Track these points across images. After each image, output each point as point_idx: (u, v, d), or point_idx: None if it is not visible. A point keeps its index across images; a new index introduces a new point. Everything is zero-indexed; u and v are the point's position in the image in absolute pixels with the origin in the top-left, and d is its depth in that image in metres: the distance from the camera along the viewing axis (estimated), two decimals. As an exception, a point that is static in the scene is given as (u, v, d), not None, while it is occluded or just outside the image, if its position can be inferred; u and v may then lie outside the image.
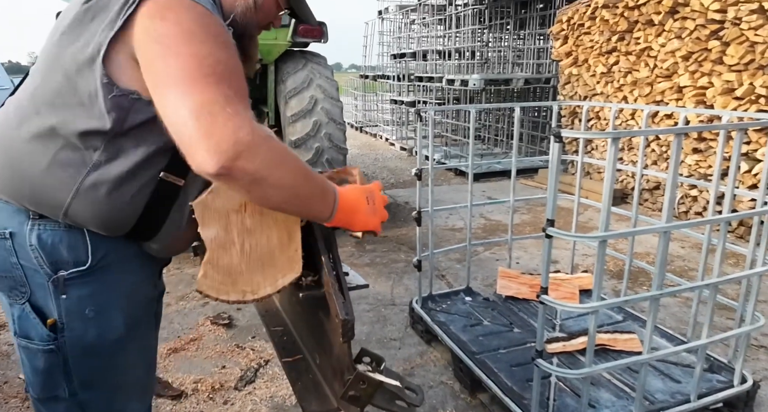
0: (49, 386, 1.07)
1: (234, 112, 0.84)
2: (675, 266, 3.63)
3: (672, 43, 4.50)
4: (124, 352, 1.10)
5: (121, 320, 1.07)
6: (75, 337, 1.03)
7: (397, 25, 11.03)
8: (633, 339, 2.32)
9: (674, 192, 1.57)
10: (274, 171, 0.88)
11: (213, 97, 0.83)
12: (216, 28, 0.92)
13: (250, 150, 0.83)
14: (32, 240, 0.98)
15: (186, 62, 0.85)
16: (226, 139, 0.81)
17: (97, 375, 1.08)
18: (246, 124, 0.84)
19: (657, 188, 5.01)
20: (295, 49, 4.16)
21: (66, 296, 1.01)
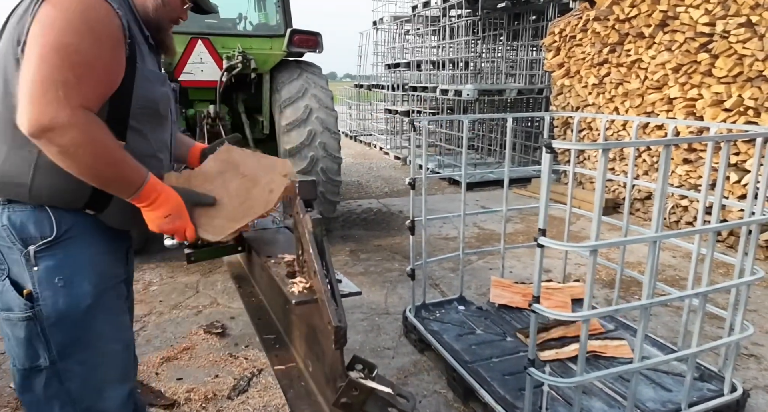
0: (30, 356, 1.20)
1: (63, 96, 1.03)
2: (666, 276, 3.66)
3: (662, 55, 4.57)
4: (95, 321, 1.23)
5: (88, 289, 1.21)
6: (48, 305, 1.18)
7: (392, 35, 11.13)
8: (623, 346, 2.33)
9: (663, 202, 1.60)
10: (78, 151, 1.07)
11: (54, 77, 1.03)
12: (98, 20, 1.09)
13: (61, 129, 1.03)
14: (3, 221, 1.16)
15: (50, 45, 1.04)
16: (45, 114, 1.02)
17: (73, 344, 1.21)
18: (66, 109, 1.03)
19: (648, 198, 5.05)
20: (290, 59, 4.19)
21: (37, 268, 1.17)
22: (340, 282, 1.32)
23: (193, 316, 3.03)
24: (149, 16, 1.29)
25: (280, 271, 1.41)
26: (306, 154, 3.79)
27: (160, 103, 1.29)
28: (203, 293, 3.35)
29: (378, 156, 9.64)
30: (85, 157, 1.08)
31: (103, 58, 1.11)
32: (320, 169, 3.83)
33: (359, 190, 6.64)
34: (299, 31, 4.02)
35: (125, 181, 1.17)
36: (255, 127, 4.32)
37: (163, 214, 1.23)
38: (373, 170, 8.11)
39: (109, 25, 1.12)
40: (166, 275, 3.60)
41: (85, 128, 1.06)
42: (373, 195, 6.33)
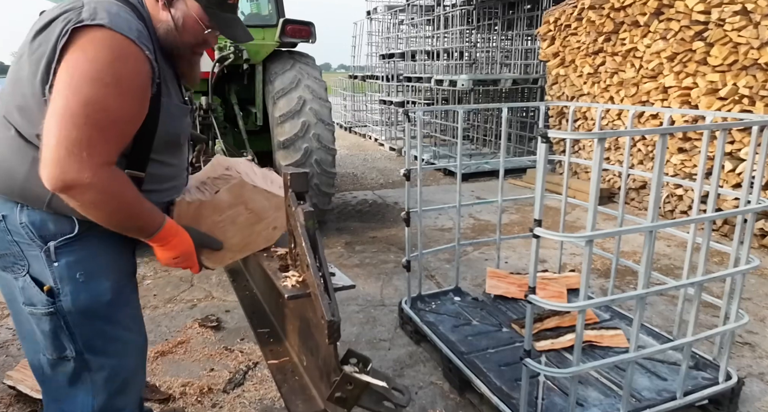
0: (57, 347, 1.24)
1: (87, 156, 1.05)
2: (661, 265, 3.67)
3: (657, 44, 4.55)
4: (117, 315, 1.28)
5: (108, 284, 1.25)
6: (70, 300, 1.20)
7: (386, 25, 11.03)
8: (619, 335, 2.34)
9: (659, 191, 1.59)
10: (97, 207, 1.12)
11: (78, 136, 1.04)
12: (127, 73, 1.09)
13: (82, 188, 1.07)
14: (23, 219, 1.18)
15: (76, 100, 1.05)
16: (67, 173, 1.04)
17: (98, 338, 1.25)
18: (88, 170, 1.05)
19: (644, 187, 5.06)
20: (283, 50, 4.14)
21: (57, 264, 1.19)
22: (334, 275, 1.30)
23: (187, 309, 3.02)
24: (161, 42, 1.25)
25: (273, 264, 1.40)
26: (300, 145, 3.75)
27: (182, 135, 1.34)
28: (198, 287, 3.33)
29: (373, 147, 9.60)
30: (104, 213, 1.14)
31: (130, 112, 1.12)
32: (314, 160, 3.80)
33: (354, 181, 6.62)
34: (292, 21, 3.97)
35: (142, 229, 1.22)
36: (248, 119, 4.28)
37: (173, 255, 1.28)
38: (368, 162, 8.08)
39: (138, 76, 1.12)
40: (160, 268, 3.58)
41: (105, 188, 1.10)
42: (369, 187, 6.31)
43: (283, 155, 3.76)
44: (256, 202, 1.39)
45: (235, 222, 1.38)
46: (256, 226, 1.41)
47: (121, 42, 1.08)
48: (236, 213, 1.37)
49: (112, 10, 1.11)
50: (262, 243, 1.44)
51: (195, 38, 1.28)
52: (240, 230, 1.39)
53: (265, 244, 1.44)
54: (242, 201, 1.37)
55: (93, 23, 1.06)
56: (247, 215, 1.39)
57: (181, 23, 1.24)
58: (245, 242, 1.41)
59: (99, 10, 1.09)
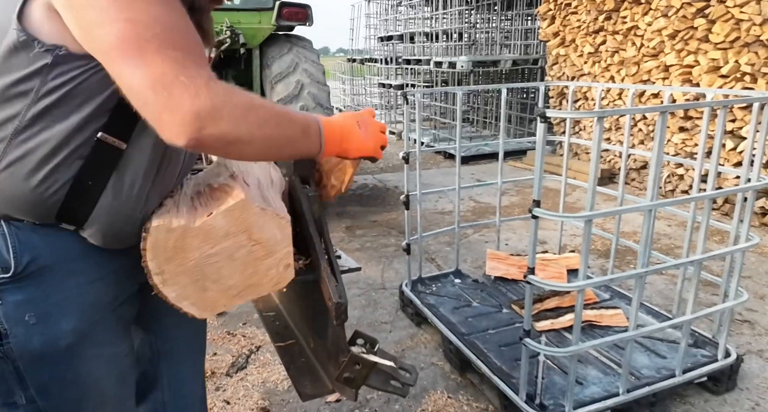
0: (4, 392, 0.99)
1: (187, 80, 0.79)
2: (661, 245, 3.68)
3: (658, 21, 4.49)
4: (80, 360, 1.00)
5: (69, 326, 0.96)
6: (19, 343, 0.94)
7: (384, 7, 10.89)
8: (618, 314, 2.36)
9: (659, 170, 1.58)
10: (243, 128, 0.84)
11: (162, 68, 0.78)
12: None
13: (212, 115, 0.80)
14: None
15: (125, 31, 0.78)
16: (187, 112, 0.78)
17: (54, 383, 0.99)
18: (202, 89, 0.79)
19: (644, 168, 5.04)
20: (280, 33, 4.09)
21: (2, 303, 0.91)
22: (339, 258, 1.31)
23: (190, 295, 3.04)
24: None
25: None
26: (299, 130, 3.74)
27: None
28: (200, 272, 3.35)
29: (372, 131, 9.55)
30: (254, 131, 0.85)
31: (178, 12, 0.86)
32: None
33: (354, 166, 6.60)
34: (288, 3, 3.92)
35: (304, 130, 0.95)
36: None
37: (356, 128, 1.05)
38: (368, 146, 8.04)
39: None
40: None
41: (230, 98, 0.83)
42: (368, 171, 6.30)
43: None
44: (265, 232, 0.99)
45: (234, 257, 0.99)
46: (262, 262, 1.01)
47: None
48: (236, 244, 0.98)
49: None
50: (268, 286, 1.05)
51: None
52: (240, 267, 1.00)
53: (271, 288, 1.06)
54: (245, 228, 0.98)
55: None
56: (251, 247, 1.00)
57: None
58: (246, 283, 1.02)
59: None
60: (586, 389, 1.90)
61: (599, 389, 1.89)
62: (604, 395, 1.84)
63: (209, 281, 0.99)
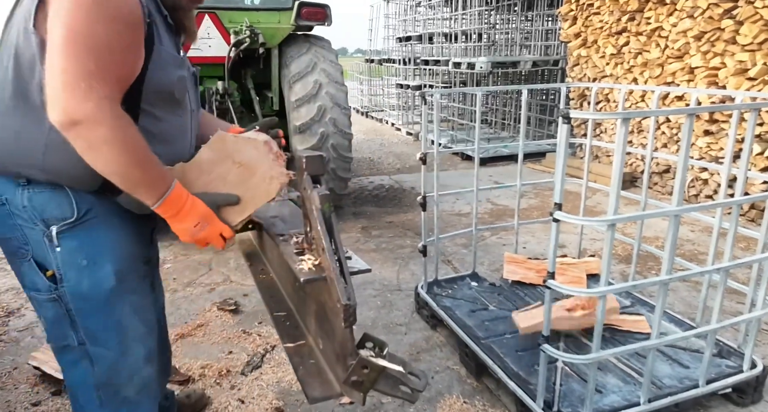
0: (59, 336, 1.23)
1: (87, 87, 0.99)
2: (684, 250, 3.59)
3: (684, 22, 4.39)
4: (119, 303, 1.23)
5: (111, 270, 1.21)
6: (72, 286, 1.18)
7: (403, 7, 10.87)
8: (641, 321, 2.30)
9: (685, 174, 1.53)
10: (103, 148, 1.03)
11: (75, 69, 0.99)
12: (112, 4, 1.04)
13: (90, 121, 1.00)
14: (24, 202, 1.15)
15: (68, 34, 1.00)
16: (71, 107, 0.99)
17: (99, 327, 1.22)
18: (90, 101, 1.00)
19: (667, 171, 4.94)
20: (298, 33, 4.10)
21: (60, 248, 1.16)
22: (350, 259, 1.29)
23: (206, 293, 3.05)
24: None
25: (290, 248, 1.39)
26: (316, 130, 3.74)
27: (176, 87, 1.23)
28: (216, 271, 3.37)
29: (390, 132, 9.54)
30: (111, 155, 1.04)
31: (123, 42, 1.06)
32: (330, 145, 3.78)
33: (371, 166, 6.59)
34: (307, 3, 3.92)
35: (151, 185, 1.12)
36: (264, 104, 4.27)
37: (192, 223, 1.18)
38: (385, 146, 8.03)
39: (128, 7, 1.06)
40: (179, 252, 3.62)
41: (111, 123, 1.02)
42: (385, 171, 6.28)
43: (299, 140, 3.75)
44: (244, 154, 1.26)
45: (226, 180, 1.26)
46: (249, 180, 1.28)
47: None
48: (225, 170, 1.26)
49: None
50: (262, 198, 1.30)
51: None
52: (234, 187, 1.26)
53: (265, 198, 1.30)
54: (227, 155, 1.25)
55: None
56: (238, 170, 1.26)
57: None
58: (244, 198, 1.28)
59: None
60: (606, 397, 1.85)
61: (619, 398, 1.84)
62: (625, 405, 1.79)
63: None
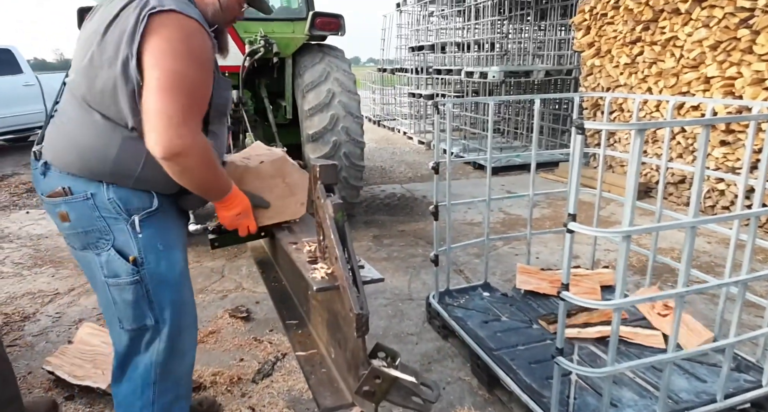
0: (138, 316, 1.38)
1: (184, 122, 1.20)
2: (701, 262, 3.54)
3: (699, 32, 4.36)
4: (184, 286, 1.45)
5: (180, 255, 1.44)
6: (152, 268, 1.36)
7: (416, 17, 10.92)
8: (655, 335, 2.26)
9: (701, 185, 1.51)
10: (195, 170, 1.26)
11: (173, 106, 1.19)
12: (198, 45, 1.24)
13: (186, 152, 1.21)
14: (110, 194, 1.31)
15: (163, 75, 1.19)
16: (172, 140, 1.19)
17: (170, 305, 1.40)
18: (189, 134, 1.21)
19: (682, 182, 4.88)
20: (312, 43, 4.14)
21: (142, 235, 1.34)
22: (363, 268, 1.29)
23: (218, 300, 3.07)
24: (208, 20, 1.39)
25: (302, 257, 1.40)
26: (329, 138, 3.75)
27: (227, 106, 1.48)
28: (228, 278, 3.39)
29: (402, 141, 9.56)
30: (200, 175, 1.29)
31: (206, 80, 1.28)
32: (343, 154, 3.79)
33: (383, 175, 6.60)
34: (321, 13, 3.96)
35: (220, 190, 1.40)
36: (278, 112, 4.31)
37: (236, 213, 1.47)
38: (397, 155, 8.05)
39: (207, 50, 1.28)
40: (192, 259, 3.65)
41: (202, 152, 1.25)
42: (397, 180, 6.29)
43: (312, 148, 3.77)
44: (293, 178, 1.60)
45: (272, 191, 1.57)
46: (287, 198, 1.61)
47: (189, 22, 1.24)
48: (274, 183, 1.57)
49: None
50: (289, 215, 1.65)
51: (233, 15, 1.48)
52: (275, 199, 1.58)
53: (291, 216, 1.66)
54: (282, 174, 1.58)
55: (164, 9, 1.21)
56: (283, 188, 1.59)
57: (225, 3, 1.43)
58: (277, 211, 1.61)
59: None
60: (621, 411, 1.82)
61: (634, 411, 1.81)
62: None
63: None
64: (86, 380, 2.13)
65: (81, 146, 1.29)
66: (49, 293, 3.21)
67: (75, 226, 1.34)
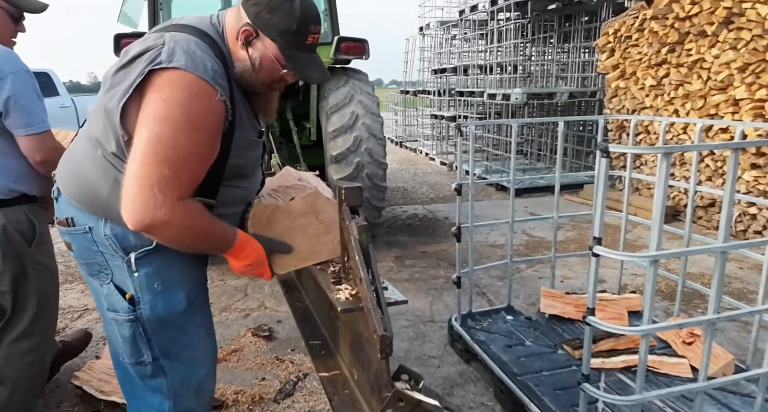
0: (135, 352, 1.32)
1: (159, 193, 1.10)
2: (732, 288, 3.43)
3: (727, 54, 4.31)
4: (191, 323, 1.35)
5: (183, 294, 1.32)
6: (148, 308, 1.28)
7: (438, 40, 11.07)
8: (682, 364, 2.19)
9: (731, 209, 1.49)
10: (176, 241, 1.20)
11: (150, 174, 1.09)
12: (200, 109, 1.12)
13: (160, 227, 1.13)
14: (106, 231, 1.25)
15: (149, 139, 1.10)
16: (145, 213, 1.10)
17: (173, 345, 1.33)
18: (163, 208, 1.10)
19: (712, 205, 4.77)
20: (337, 66, 4.23)
21: (137, 274, 1.26)
22: (386, 289, 1.30)
23: (241, 318, 3.09)
24: (236, 79, 1.26)
25: (326, 277, 1.41)
26: (352, 160, 3.80)
27: (248, 167, 1.36)
28: (251, 297, 3.42)
29: (423, 162, 9.60)
30: (184, 243, 1.22)
31: (201, 148, 1.15)
32: (366, 174, 3.83)
33: (405, 196, 6.62)
34: (346, 38, 4.05)
35: (217, 248, 1.29)
36: (302, 134, 4.39)
37: (247, 263, 1.33)
38: (419, 176, 8.07)
39: (210, 114, 1.14)
40: (216, 277, 3.70)
41: (181, 223, 1.15)
42: (419, 201, 6.30)
43: (335, 169, 3.82)
44: (327, 214, 1.42)
45: (305, 231, 1.41)
46: (323, 237, 1.44)
47: (195, 82, 1.11)
48: (307, 222, 1.41)
49: (189, 50, 1.14)
50: (326, 255, 1.46)
51: (271, 77, 1.28)
52: (308, 238, 1.42)
53: (329, 256, 1.46)
54: (314, 211, 1.42)
55: (169, 66, 1.10)
56: (317, 225, 1.42)
57: (258, 63, 1.24)
58: (312, 251, 1.44)
59: (177, 50, 1.13)
60: (650, 442, 1.76)
61: (664, 443, 1.75)
62: (670, 451, 1.70)
63: None
64: (112, 395, 2.16)
65: (81, 178, 1.26)
66: (79, 308, 3.29)
67: (77, 256, 1.33)
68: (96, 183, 1.22)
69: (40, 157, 1.72)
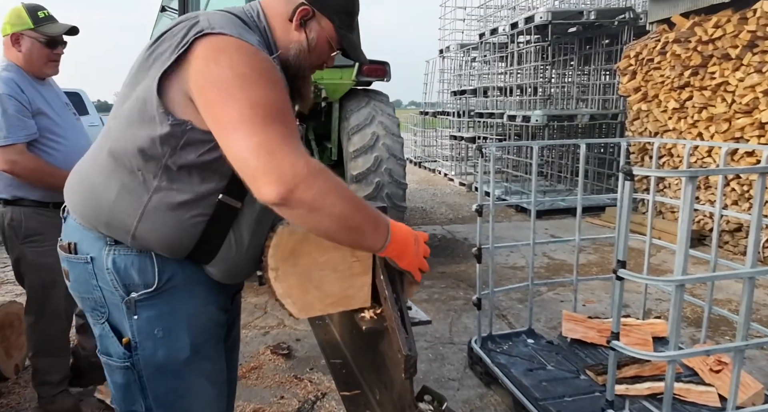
0: (127, 401, 1.17)
1: (290, 149, 0.93)
2: (761, 315, 3.34)
3: (751, 77, 4.28)
4: (192, 372, 1.17)
5: (188, 341, 1.14)
6: (147, 356, 1.13)
7: (458, 62, 11.21)
8: (710, 392, 2.13)
9: (759, 234, 1.47)
10: (328, 200, 0.95)
11: (269, 136, 0.93)
12: (264, 66, 1.00)
13: (306, 182, 0.92)
14: (108, 264, 1.10)
15: (243, 107, 0.94)
16: (286, 172, 0.91)
17: (170, 394, 1.16)
18: (301, 159, 0.93)
19: (738, 230, 4.67)
20: (358, 88, 4.31)
21: (137, 317, 1.11)
22: (410, 309, 1.31)
23: (261, 336, 3.11)
24: (289, 62, 1.16)
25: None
26: (372, 180, 3.85)
27: None
28: (271, 314, 3.44)
29: (442, 182, 9.61)
30: (335, 205, 0.96)
31: (284, 93, 1.03)
32: (386, 194, 3.87)
33: (424, 216, 6.63)
34: (369, 60, 4.14)
35: (376, 222, 1.05)
36: (324, 154, 4.46)
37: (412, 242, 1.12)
38: (438, 196, 8.08)
39: (274, 69, 1.04)
40: (237, 295, 3.73)
41: (324, 174, 0.96)
42: (438, 221, 6.30)
43: (356, 189, 3.87)
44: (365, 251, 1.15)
45: (337, 269, 1.14)
46: (358, 278, 1.17)
47: (244, 45, 1.00)
48: (341, 258, 1.14)
49: (231, 22, 1.05)
50: (358, 302, 1.19)
51: (320, 59, 1.20)
52: (340, 279, 1.15)
53: (360, 304, 1.20)
54: None
55: (214, 32, 0.99)
56: (352, 262, 1.15)
57: (315, 44, 1.16)
58: (343, 294, 1.17)
59: (216, 21, 1.03)
60: (677, 474, 1.71)
61: (692, 475, 1.70)
62: (699, 484, 1.65)
63: (312, 285, 1.14)
64: (134, 410, 2.18)
65: (85, 185, 1.12)
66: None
67: (73, 288, 1.18)
68: (102, 190, 1.08)
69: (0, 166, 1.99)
